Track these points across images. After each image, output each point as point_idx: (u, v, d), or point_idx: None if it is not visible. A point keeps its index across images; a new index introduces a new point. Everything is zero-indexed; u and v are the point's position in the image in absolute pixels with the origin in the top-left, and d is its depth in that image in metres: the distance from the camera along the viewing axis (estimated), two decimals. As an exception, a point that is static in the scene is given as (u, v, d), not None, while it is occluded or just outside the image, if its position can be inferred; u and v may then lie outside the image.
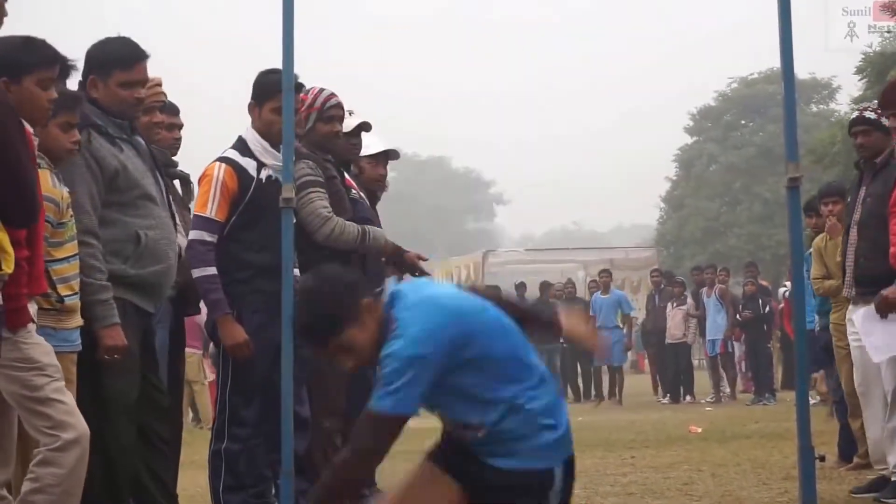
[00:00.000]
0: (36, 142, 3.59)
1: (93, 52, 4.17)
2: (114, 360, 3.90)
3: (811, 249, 6.95)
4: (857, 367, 5.91)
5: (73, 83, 4.17)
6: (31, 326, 3.53)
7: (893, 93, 5.25)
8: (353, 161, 5.59)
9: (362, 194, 5.43)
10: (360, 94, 6.18)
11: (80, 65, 4.25)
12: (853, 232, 5.58)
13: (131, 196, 4.07)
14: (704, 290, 15.96)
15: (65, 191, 3.90)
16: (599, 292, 17.10)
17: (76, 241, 3.94)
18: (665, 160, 42.91)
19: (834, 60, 34.04)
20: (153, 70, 4.47)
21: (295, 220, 4.29)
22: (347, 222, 4.86)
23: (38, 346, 3.52)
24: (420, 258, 5.22)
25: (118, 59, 4.10)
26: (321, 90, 5.11)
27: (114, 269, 4.00)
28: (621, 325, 16.80)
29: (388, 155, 5.79)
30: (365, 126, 5.44)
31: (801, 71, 33.65)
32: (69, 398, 3.56)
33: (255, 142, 4.68)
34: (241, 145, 4.71)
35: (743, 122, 39.87)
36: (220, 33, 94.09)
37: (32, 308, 3.57)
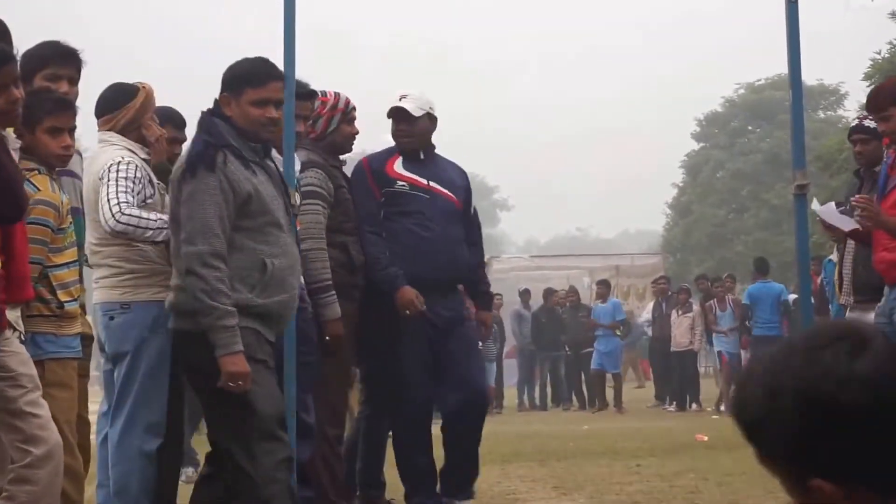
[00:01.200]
0: (19, 145, 3.54)
1: (227, 70, 4.06)
2: (237, 387, 3.71)
3: (832, 255, 6.94)
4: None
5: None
6: (10, 333, 3.47)
7: (880, 96, 5.16)
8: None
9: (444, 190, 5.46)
10: (362, 100, 6.18)
11: (86, 56, 4.27)
12: (851, 240, 5.58)
13: (260, 222, 3.91)
14: (715, 301, 15.79)
15: (64, 197, 3.88)
16: (600, 301, 17.43)
17: (75, 248, 3.91)
18: (672, 166, 42.90)
19: (842, 66, 33.99)
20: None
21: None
22: (326, 258, 4.88)
23: (15, 356, 3.45)
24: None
25: (250, 76, 3.97)
26: (337, 93, 5.20)
27: (240, 298, 3.82)
28: (618, 333, 16.96)
29: None
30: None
31: (809, 77, 33.63)
32: (44, 410, 3.47)
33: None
34: None
35: (750, 128, 39.81)
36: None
37: (13, 314, 3.51)
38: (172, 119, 5.02)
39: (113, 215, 4.22)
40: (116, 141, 4.59)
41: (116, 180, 4.35)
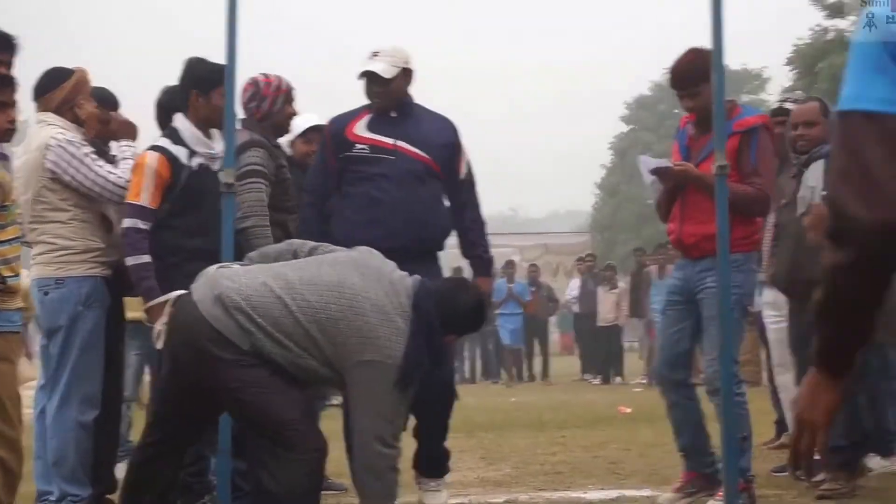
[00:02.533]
0: None
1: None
2: None
3: None
4: (774, 348, 6.18)
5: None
6: None
7: (690, 72, 4.89)
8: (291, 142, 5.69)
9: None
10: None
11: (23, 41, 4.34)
12: (769, 218, 5.68)
13: None
14: (654, 269, 15.91)
15: (7, 175, 3.94)
16: (505, 280, 17.88)
17: (17, 225, 3.97)
18: (601, 148, 43.37)
19: (765, 52, 34.62)
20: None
21: None
22: (269, 235, 4.75)
23: None
24: None
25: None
26: (278, 76, 5.21)
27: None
28: (521, 312, 17.64)
29: (320, 130, 5.77)
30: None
31: (733, 62, 34.18)
32: None
33: (188, 131, 4.72)
34: (173, 134, 4.72)
35: (676, 111, 40.30)
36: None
37: None
38: (105, 100, 5.11)
39: (122, 186, 4.65)
40: (53, 120, 4.75)
41: (85, 157, 4.65)
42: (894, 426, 5.78)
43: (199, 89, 4.68)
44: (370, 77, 5.03)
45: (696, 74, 4.84)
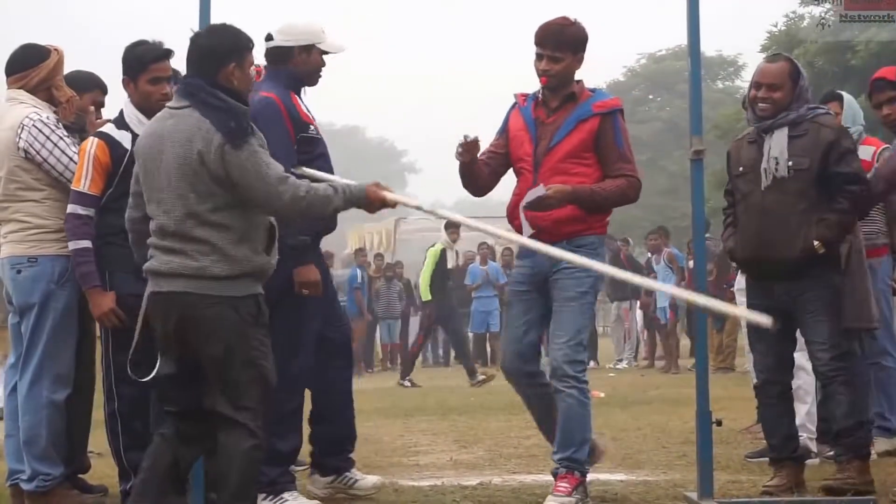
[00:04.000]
0: None
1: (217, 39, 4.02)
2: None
3: None
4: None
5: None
6: None
7: (565, 34, 4.70)
8: None
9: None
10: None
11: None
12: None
13: None
14: (654, 255, 15.96)
15: None
16: (478, 263, 17.82)
17: None
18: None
19: (740, 38, 34.74)
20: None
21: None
22: None
23: None
24: None
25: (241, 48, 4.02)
26: None
27: (255, 259, 3.88)
28: (496, 295, 17.51)
29: None
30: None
31: (708, 48, 34.27)
32: None
33: (132, 115, 4.69)
34: (119, 119, 4.73)
35: (650, 97, 40.43)
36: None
37: None
38: (100, 86, 5.19)
39: None
40: (25, 99, 4.74)
41: (59, 140, 4.66)
42: (872, 414, 5.79)
43: (128, 76, 4.67)
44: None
45: (565, 38, 4.71)
